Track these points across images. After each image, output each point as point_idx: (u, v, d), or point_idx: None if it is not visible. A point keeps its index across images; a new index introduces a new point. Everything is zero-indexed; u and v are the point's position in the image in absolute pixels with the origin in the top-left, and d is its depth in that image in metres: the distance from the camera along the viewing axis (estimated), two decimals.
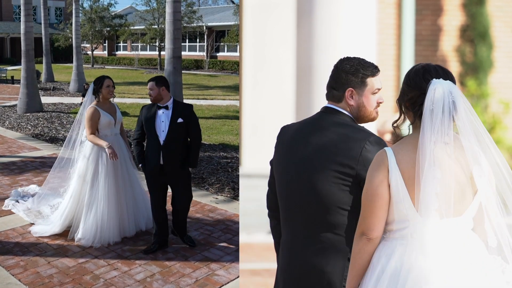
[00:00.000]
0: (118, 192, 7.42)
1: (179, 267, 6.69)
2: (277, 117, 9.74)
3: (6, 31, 59.14)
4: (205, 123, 18.32)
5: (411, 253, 2.65)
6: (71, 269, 6.56)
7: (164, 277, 6.40)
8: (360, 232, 2.76)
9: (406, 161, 2.65)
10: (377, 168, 2.69)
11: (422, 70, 2.72)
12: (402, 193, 2.65)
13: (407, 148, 2.68)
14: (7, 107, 21.81)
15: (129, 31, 51.25)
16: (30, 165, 11.83)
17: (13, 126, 17.16)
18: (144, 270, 6.58)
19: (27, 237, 7.54)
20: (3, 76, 35.36)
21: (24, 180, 10.50)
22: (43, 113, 20.09)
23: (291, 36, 9.68)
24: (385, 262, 2.71)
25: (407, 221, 2.67)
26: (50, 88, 29.34)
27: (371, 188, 2.70)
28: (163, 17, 44.98)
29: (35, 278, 6.32)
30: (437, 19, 10.15)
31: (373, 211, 2.70)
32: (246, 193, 8.50)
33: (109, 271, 6.55)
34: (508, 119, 9.95)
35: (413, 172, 2.62)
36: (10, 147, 13.86)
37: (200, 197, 9.50)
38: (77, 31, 29.83)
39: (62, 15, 66.76)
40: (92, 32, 50.30)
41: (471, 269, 2.62)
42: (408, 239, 2.68)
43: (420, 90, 2.66)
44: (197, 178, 10.83)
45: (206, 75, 42.79)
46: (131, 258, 6.92)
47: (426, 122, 2.60)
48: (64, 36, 51.42)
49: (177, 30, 13.61)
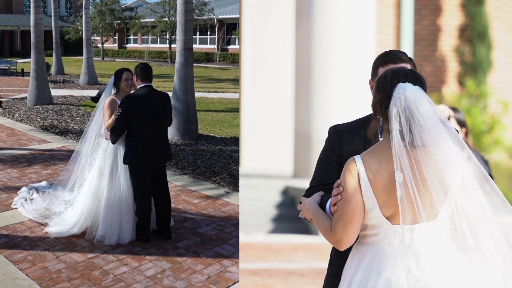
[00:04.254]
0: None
1: (190, 263, 6.52)
2: (276, 116, 9.71)
3: (17, 24, 59.10)
4: (216, 116, 18.17)
5: (382, 258, 2.70)
6: (79, 264, 6.40)
7: (175, 273, 6.24)
8: (334, 240, 2.77)
9: (374, 170, 2.68)
10: (350, 176, 2.71)
11: (391, 74, 2.74)
12: (371, 201, 2.68)
13: (375, 156, 2.71)
14: (17, 99, 21.72)
15: (139, 23, 51.06)
16: (39, 157, 11.69)
17: (23, 119, 17.04)
18: (154, 266, 6.42)
19: (35, 231, 7.39)
20: (13, 69, 35.30)
21: (33, 172, 10.37)
22: (52, 106, 19.98)
23: (290, 36, 9.77)
24: (356, 267, 2.78)
25: (379, 227, 2.72)
26: (60, 81, 29.24)
27: (347, 196, 2.71)
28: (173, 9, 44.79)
29: (43, 273, 6.16)
30: (436, 19, 10.26)
31: (351, 220, 2.72)
32: (245, 192, 8.49)
33: (119, 266, 6.39)
34: (507, 119, 10.18)
35: (381, 181, 2.66)
36: (20, 139, 13.73)
37: (212, 191, 9.34)
38: (87, 24, 29.70)
39: (72, 8, 66.65)
40: (102, 25, 50.13)
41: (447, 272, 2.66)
42: (379, 245, 2.73)
43: (386, 93, 2.70)
44: (209, 172, 10.65)
45: (217, 68, 42.61)
46: (141, 253, 6.75)
47: (392, 126, 2.64)
48: (74, 29, 51.26)
49: (189, 21, 13.40)
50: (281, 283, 6.60)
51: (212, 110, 19.58)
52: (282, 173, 9.95)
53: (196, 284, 6.00)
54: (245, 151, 9.52)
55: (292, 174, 10.06)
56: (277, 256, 7.76)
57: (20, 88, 26.14)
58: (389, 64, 3.01)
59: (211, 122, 16.80)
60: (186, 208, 8.44)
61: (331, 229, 2.76)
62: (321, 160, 3.20)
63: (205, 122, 16.63)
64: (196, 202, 8.78)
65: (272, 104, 9.74)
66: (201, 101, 20.89)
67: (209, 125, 16.17)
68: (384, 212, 2.69)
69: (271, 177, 9.64)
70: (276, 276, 6.81)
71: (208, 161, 11.58)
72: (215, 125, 16.24)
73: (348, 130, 3.15)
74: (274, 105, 9.74)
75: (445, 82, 10.39)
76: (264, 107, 9.72)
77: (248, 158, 9.54)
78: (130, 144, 6.91)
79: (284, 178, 9.74)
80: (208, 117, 17.89)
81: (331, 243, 2.82)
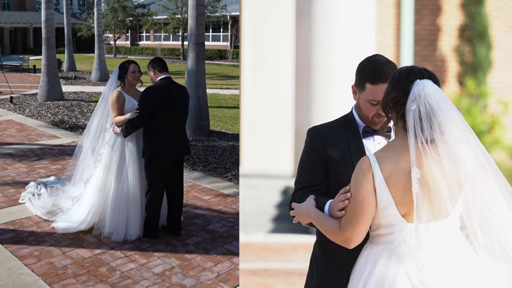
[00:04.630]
0: (142, 182, 7.04)
1: (200, 260, 6.34)
2: (276, 116, 9.64)
3: (29, 21, 59.22)
4: (229, 112, 18.02)
5: (398, 257, 2.67)
6: (86, 260, 6.25)
7: (184, 270, 6.06)
8: (343, 239, 2.74)
9: (389, 168, 2.65)
10: (364, 176, 2.68)
11: (406, 72, 2.73)
12: (387, 199, 2.65)
13: (389, 154, 2.68)
14: (27, 95, 21.60)
15: (151, 20, 50.95)
16: (49, 152, 11.56)
17: (33, 114, 16.92)
18: (163, 262, 6.25)
19: (42, 226, 7.24)
20: (25, 65, 35.29)
21: (42, 168, 10.23)
22: (63, 102, 19.85)
23: (290, 36, 9.87)
24: (371, 267, 2.73)
25: (394, 226, 2.69)
26: (71, 77, 29.16)
27: (360, 196, 2.68)
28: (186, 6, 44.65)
29: (49, 268, 6.01)
30: (436, 19, 10.20)
31: (361, 219, 2.68)
32: (245, 192, 8.51)
33: (126, 263, 6.22)
34: (507, 118, 10.14)
35: (397, 179, 2.63)
36: (29, 135, 13.61)
37: (223, 188, 9.17)
38: (99, 20, 29.58)
39: (85, 5, 66.76)
40: (114, 22, 50.09)
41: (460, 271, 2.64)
42: (394, 244, 2.70)
43: (403, 90, 2.67)
44: (220, 168, 10.49)
45: (230, 65, 42.43)
46: (149, 250, 6.59)
47: (410, 122, 2.61)
48: (86, 26, 51.24)
49: (200, 16, 13.22)
50: (281, 283, 6.52)
51: (224, 106, 19.39)
52: (282, 173, 9.84)
53: (206, 282, 5.82)
54: (245, 151, 9.51)
55: (292, 174, 9.88)
56: (277, 256, 7.67)
57: (32, 84, 26.07)
58: (379, 84, 2.95)
59: (223, 119, 16.63)
60: (196, 204, 8.27)
61: (341, 228, 2.73)
62: (305, 161, 3.15)
63: (217, 119, 16.45)
64: (207, 199, 8.60)
65: (272, 103, 9.73)
66: (213, 97, 20.72)
67: (221, 121, 16.00)
68: (400, 210, 2.66)
69: (271, 177, 9.56)
70: (276, 276, 6.72)
71: (219, 157, 11.41)
72: (227, 122, 16.07)
73: (330, 131, 3.12)
74: (274, 105, 9.73)
75: (445, 82, 10.35)
76: (264, 106, 9.71)
77: (248, 158, 9.51)
78: (150, 138, 6.69)
79: (284, 178, 9.63)
80: (220, 113, 17.70)
81: (339, 242, 2.78)
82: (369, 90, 2.98)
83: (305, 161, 3.15)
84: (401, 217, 2.66)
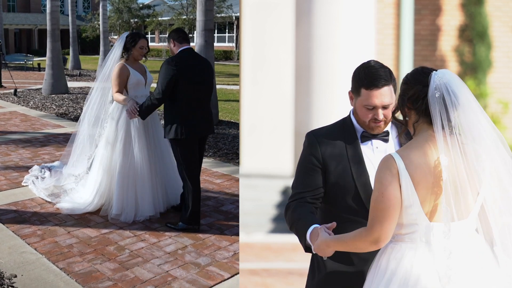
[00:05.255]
0: (151, 160, 6.61)
1: (214, 239, 5.94)
2: (276, 116, 9.58)
3: (34, 23, 59.09)
4: (237, 105, 17.78)
5: (421, 257, 2.61)
6: (93, 239, 5.86)
7: (198, 249, 5.66)
8: (372, 238, 2.62)
9: (414, 166, 2.57)
10: (390, 173, 2.59)
11: (420, 69, 2.71)
12: (412, 197, 2.58)
13: (413, 151, 2.61)
14: (32, 90, 21.21)
15: (157, 21, 50.68)
16: (53, 140, 11.18)
17: (38, 106, 16.52)
18: (175, 242, 5.84)
19: (46, 207, 6.86)
20: (30, 64, 35.01)
21: (46, 154, 9.86)
22: (68, 95, 19.46)
23: (290, 36, 9.86)
24: (394, 267, 2.66)
25: (417, 225, 2.62)
26: (76, 74, 28.84)
27: (387, 192, 2.58)
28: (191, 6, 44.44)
29: (53, 247, 5.62)
30: (436, 19, 10.20)
31: (389, 216, 2.59)
32: (245, 192, 8.39)
33: (136, 242, 5.83)
34: (507, 119, 10.10)
35: (422, 175, 2.57)
36: (34, 124, 13.24)
37: (235, 173, 8.83)
38: (104, 16, 29.32)
39: (90, 8, 66.58)
40: (120, 23, 49.83)
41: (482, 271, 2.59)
42: (417, 243, 2.63)
43: (422, 83, 2.63)
44: (231, 153, 10.16)
45: (236, 65, 42.10)
46: (160, 229, 6.18)
47: (435, 111, 2.56)
48: (91, 27, 51.01)
49: (209, 1, 12.83)
50: (281, 283, 6.31)
51: (232, 100, 19.10)
52: (282, 173, 9.65)
53: (222, 260, 5.42)
54: (245, 151, 9.42)
55: (292, 174, 9.66)
56: (277, 256, 7.43)
57: (36, 80, 25.71)
58: (373, 89, 2.91)
59: (231, 110, 16.41)
60: (208, 188, 7.88)
61: (368, 229, 2.62)
62: (303, 166, 3.10)
63: (225, 110, 16.19)
64: (219, 182, 8.24)
65: (272, 103, 9.68)
66: (220, 92, 20.43)
67: (230, 113, 15.75)
68: (423, 208, 2.60)
69: (271, 177, 9.44)
70: (276, 276, 6.49)
71: (230, 143, 11.08)
72: (236, 113, 15.86)
73: (328, 135, 3.09)
74: (274, 105, 9.68)
75: None
76: (264, 106, 9.66)
77: (248, 158, 9.37)
78: (173, 115, 5.97)
79: (284, 178, 9.45)
80: (228, 106, 17.44)
81: (368, 245, 2.65)
82: (364, 95, 2.94)
83: (303, 165, 3.10)
84: (425, 216, 2.60)
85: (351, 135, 3.04)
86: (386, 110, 2.92)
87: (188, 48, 6.16)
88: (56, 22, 19.64)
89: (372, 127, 2.98)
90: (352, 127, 3.06)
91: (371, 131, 3.00)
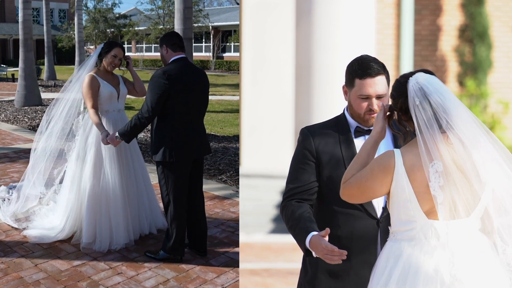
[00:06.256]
0: (123, 181, 5.99)
1: (199, 271, 5.37)
2: (276, 116, 9.63)
3: (9, 33, 58.38)
4: (216, 116, 17.31)
5: (419, 254, 2.60)
6: (63, 274, 5.26)
7: (181, 283, 5.09)
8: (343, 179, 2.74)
9: (412, 163, 2.61)
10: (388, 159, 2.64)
11: (399, 80, 2.74)
12: (408, 192, 2.60)
13: (413, 151, 2.63)
14: (4, 101, 20.52)
15: (133, 30, 50.10)
16: (24, 156, 10.52)
17: (9, 119, 15.87)
18: (155, 275, 5.26)
19: (12, 235, 6.27)
20: (3, 74, 34.21)
21: (16, 172, 9.24)
22: (42, 106, 18.76)
23: (290, 36, 9.74)
24: (393, 264, 2.66)
25: (415, 222, 2.64)
26: (51, 85, 28.10)
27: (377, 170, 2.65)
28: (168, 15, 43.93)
29: (17, 284, 5.03)
30: (436, 19, 10.19)
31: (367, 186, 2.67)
32: (245, 192, 8.29)
33: (111, 276, 5.24)
34: (507, 119, 10.09)
35: (419, 174, 2.59)
36: (4, 139, 12.60)
37: (219, 190, 8.28)
38: (79, 26, 28.63)
39: (66, 17, 65.86)
40: (96, 33, 49.13)
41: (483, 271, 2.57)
42: (416, 240, 2.64)
43: (404, 94, 2.65)
44: (213, 169, 9.60)
45: (213, 75, 41.62)
46: (138, 260, 5.59)
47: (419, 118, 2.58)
48: (67, 37, 50.27)
49: (188, 9, 12.26)
50: (281, 283, 6.11)
51: (211, 111, 18.56)
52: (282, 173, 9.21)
53: None
54: (245, 151, 9.41)
55: None
56: (277, 256, 7.23)
57: (10, 91, 24.99)
58: (367, 78, 2.97)
59: (211, 122, 15.91)
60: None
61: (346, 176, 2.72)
62: (297, 161, 3.14)
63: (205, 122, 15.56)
64: None
65: (272, 104, 9.67)
66: None
67: (210, 125, 15.23)
68: (422, 206, 2.61)
69: (271, 177, 9.28)
70: (276, 276, 6.28)
71: (211, 158, 10.53)
72: (216, 125, 15.40)
73: (322, 130, 3.13)
74: (274, 105, 9.66)
75: (445, 82, 10.34)
76: (264, 107, 9.64)
77: (248, 158, 9.35)
78: (163, 135, 5.34)
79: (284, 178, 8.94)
80: (207, 117, 16.79)
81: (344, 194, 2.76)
82: (358, 85, 2.98)
83: (297, 160, 3.14)
84: (422, 213, 2.61)
85: (345, 130, 3.07)
86: (380, 101, 2.94)
87: (183, 58, 5.46)
88: (29, 31, 18.97)
89: (367, 119, 3.00)
90: (346, 122, 3.09)
91: (366, 123, 3.02)
